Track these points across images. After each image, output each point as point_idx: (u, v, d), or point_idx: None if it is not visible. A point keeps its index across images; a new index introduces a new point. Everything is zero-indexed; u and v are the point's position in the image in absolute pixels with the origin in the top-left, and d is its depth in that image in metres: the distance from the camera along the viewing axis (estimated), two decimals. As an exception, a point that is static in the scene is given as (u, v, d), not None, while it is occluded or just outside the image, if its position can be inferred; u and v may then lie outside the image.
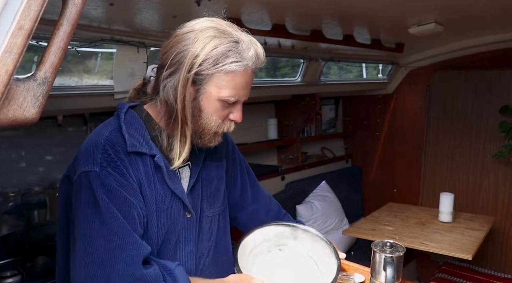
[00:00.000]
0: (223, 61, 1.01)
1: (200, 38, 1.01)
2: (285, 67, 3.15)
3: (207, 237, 1.22)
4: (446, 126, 3.53)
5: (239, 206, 1.42)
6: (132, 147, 1.04)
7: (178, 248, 1.13)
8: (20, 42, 0.50)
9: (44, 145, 2.07)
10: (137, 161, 1.05)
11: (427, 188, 3.67)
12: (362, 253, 2.23)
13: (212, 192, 1.24)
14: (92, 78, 2.17)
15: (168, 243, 1.12)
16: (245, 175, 1.42)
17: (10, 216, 1.86)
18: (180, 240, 1.14)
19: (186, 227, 1.14)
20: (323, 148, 3.97)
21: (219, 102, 1.06)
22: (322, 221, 3.19)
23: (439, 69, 3.51)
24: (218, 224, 1.27)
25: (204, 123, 1.08)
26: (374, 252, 1.26)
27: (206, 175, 1.22)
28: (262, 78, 3.03)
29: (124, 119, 1.08)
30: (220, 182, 1.28)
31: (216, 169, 1.26)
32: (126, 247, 0.98)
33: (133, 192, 1.03)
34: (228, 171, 1.34)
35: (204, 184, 1.21)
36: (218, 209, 1.26)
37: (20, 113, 0.53)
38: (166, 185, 1.09)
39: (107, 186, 0.99)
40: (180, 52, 1.02)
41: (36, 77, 0.56)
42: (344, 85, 3.73)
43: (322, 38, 2.42)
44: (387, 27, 2.52)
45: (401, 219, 2.94)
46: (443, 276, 2.89)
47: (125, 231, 0.99)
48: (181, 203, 1.13)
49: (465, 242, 2.49)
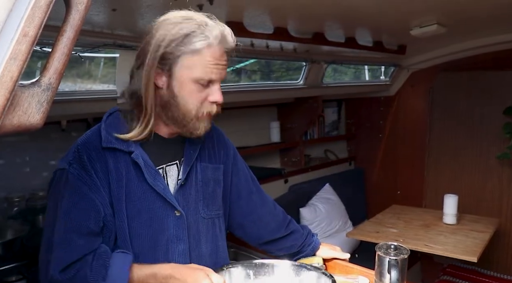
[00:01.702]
0: (188, 42, 1.02)
1: (165, 25, 1.03)
2: (279, 71, 3.16)
3: (204, 239, 1.22)
4: (449, 128, 3.52)
5: (244, 213, 1.40)
6: (107, 143, 1.08)
7: (170, 247, 1.13)
8: (24, 49, 0.50)
9: (48, 150, 2.08)
10: (108, 158, 1.08)
11: (430, 190, 3.66)
12: (366, 255, 2.21)
13: (209, 194, 1.23)
14: (95, 83, 2.19)
15: (158, 241, 1.12)
16: (249, 182, 1.41)
17: (15, 221, 1.87)
18: (171, 239, 1.13)
19: (176, 226, 1.14)
20: (326, 151, 3.97)
21: (192, 84, 1.06)
22: (326, 224, 3.19)
23: (441, 70, 3.51)
24: (216, 228, 1.27)
25: (182, 108, 1.08)
26: (378, 255, 1.26)
27: (202, 176, 1.22)
28: (263, 81, 3.04)
29: (107, 120, 1.12)
30: (217, 185, 1.27)
31: (213, 172, 1.26)
32: (60, 246, 1.02)
33: (95, 188, 1.06)
34: (228, 177, 1.33)
35: (200, 185, 1.21)
36: (215, 212, 1.26)
37: (25, 119, 0.54)
38: (146, 182, 1.10)
39: (69, 182, 1.05)
40: (147, 42, 1.05)
41: (40, 83, 0.57)
42: (346, 87, 3.73)
43: (324, 41, 2.42)
44: (389, 29, 2.52)
45: (405, 221, 2.93)
46: (448, 279, 2.88)
47: (70, 229, 1.03)
48: (165, 201, 1.12)
49: (469, 244, 2.48)
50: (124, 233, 1.09)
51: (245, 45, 2.20)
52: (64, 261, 1.01)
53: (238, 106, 2.89)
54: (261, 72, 3.05)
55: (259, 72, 3.05)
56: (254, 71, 3.03)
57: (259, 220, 1.42)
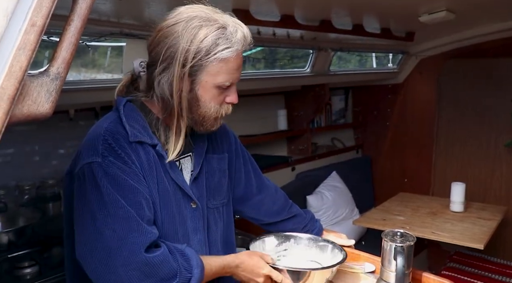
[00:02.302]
0: (214, 50, 1.02)
1: (188, 30, 1.01)
2: (284, 59, 3.14)
3: (214, 227, 1.25)
4: (457, 115, 3.50)
5: (245, 197, 1.43)
6: (134, 137, 1.06)
7: (190, 239, 1.16)
8: (33, 39, 0.50)
9: (56, 139, 2.10)
10: (139, 150, 1.07)
11: (438, 178, 3.65)
12: (372, 243, 2.23)
13: (215, 185, 1.25)
14: (99, 72, 2.19)
15: (179, 233, 1.14)
16: (248, 166, 1.43)
17: (26, 208, 1.90)
18: (190, 230, 1.16)
19: (193, 218, 1.16)
20: (333, 139, 3.96)
21: (215, 89, 1.08)
22: (332, 211, 3.20)
23: (450, 57, 3.47)
24: (222, 216, 1.29)
25: (203, 111, 1.10)
26: (384, 242, 1.26)
27: (208, 167, 1.24)
28: (268, 70, 3.03)
29: (123, 111, 1.09)
30: (222, 175, 1.29)
31: (218, 162, 1.28)
32: (130, 236, 0.98)
33: (137, 178, 1.04)
34: (231, 164, 1.35)
35: (207, 176, 1.23)
36: (220, 201, 1.28)
37: (34, 108, 0.55)
38: (168, 175, 1.11)
39: (110, 175, 1.00)
40: (170, 47, 1.02)
41: (49, 73, 0.57)
42: (353, 75, 3.70)
43: (331, 28, 2.40)
44: (397, 16, 2.49)
45: (412, 209, 2.93)
46: (455, 266, 2.89)
47: (130, 219, 0.99)
48: (184, 194, 1.14)
49: (476, 231, 2.48)
50: (157, 225, 1.09)
51: (252, 33, 2.19)
52: (142, 242, 0.98)
53: (245, 94, 2.89)
54: (265, 60, 3.04)
55: (263, 60, 3.03)
56: (258, 59, 3.01)
57: (260, 203, 1.45)
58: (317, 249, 1.42)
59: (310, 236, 1.45)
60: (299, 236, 1.45)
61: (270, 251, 1.40)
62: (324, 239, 1.44)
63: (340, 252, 1.33)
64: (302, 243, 1.44)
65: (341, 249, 1.35)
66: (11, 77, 0.49)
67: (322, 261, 1.37)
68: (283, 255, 1.42)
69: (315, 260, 1.39)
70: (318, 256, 1.40)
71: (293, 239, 1.44)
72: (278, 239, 1.44)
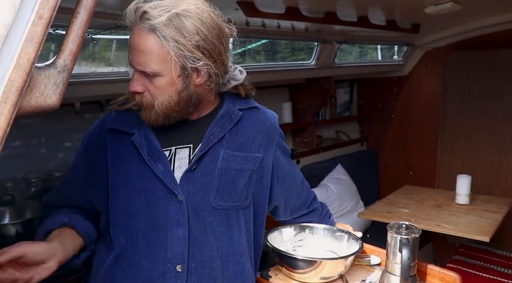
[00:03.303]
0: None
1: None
2: (284, 51, 3.13)
3: (211, 229, 1.12)
4: (463, 107, 3.48)
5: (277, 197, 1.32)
6: (112, 124, 1.15)
7: (169, 231, 1.08)
8: (40, 31, 0.51)
9: (62, 131, 2.11)
10: (116, 138, 1.13)
11: (443, 171, 3.63)
12: (377, 235, 2.23)
13: (226, 184, 1.13)
14: (100, 66, 2.20)
15: (157, 223, 1.08)
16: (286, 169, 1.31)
17: (33, 201, 1.91)
18: (172, 222, 1.08)
19: (178, 211, 1.08)
20: (338, 131, 3.95)
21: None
22: (337, 204, 3.20)
23: (456, 49, 3.44)
24: (232, 220, 1.15)
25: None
26: (389, 234, 1.27)
27: (223, 164, 1.12)
28: (269, 62, 3.02)
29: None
30: (239, 175, 1.15)
31: (239, 161, 1.15)
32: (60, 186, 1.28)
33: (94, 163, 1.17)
34: (267, 166, 1.22)
35: (218, 173, 1.12)
36: (232, 203, 1.14)
37: (42, 100, 0.55)
38: (146, 164, 1.09)
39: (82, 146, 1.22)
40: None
41: (56, 65, 0.58)
42: (358, 67, 3.68)
43: (336, 20, 2.39)
44: (402, 7, 2.47)
45: (417, 202, 2.93)
46: (460, 258, 2.89)
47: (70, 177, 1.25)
48: (162, 184, 1.08)
49: (482, 224, 2.47)
50: (120, 210, 1.11)
51: (257, 26, 2.18)
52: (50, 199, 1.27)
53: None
54: (265, 52, 3.02)
55: (264, 52, 3.02)
56: (258, 51, 3.00)
57: (286, 201, 1.37)
58: (333, 239, 1.44)
59: (326, 227, 1.47)
60: (315, 226, 1.47)
61: (288, 241, 1.43)
62: (340, 229, 1.45)
63: (356, 242, 1.35)
64: (318, 233, 1.46)
65: (357, 239, 1.37)
66: (19, 69, 0.49)
67: (338, 251, 1.40)
68: (298, 245, 1.45)
69: (331, 250, 1.42)
70: (334, 246, 1.43)
71: (309, 230, 1.47)
72: (295, 229, 1.46)
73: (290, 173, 1.34)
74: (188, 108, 1.10)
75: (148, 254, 1.08)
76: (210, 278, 1.11)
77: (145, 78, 1.03)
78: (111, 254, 1.12)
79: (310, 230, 1.47)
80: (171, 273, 1.07)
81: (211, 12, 1.03)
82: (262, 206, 1.25)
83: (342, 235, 1.43)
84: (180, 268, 1.07)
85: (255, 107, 1.26)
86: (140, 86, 1.04)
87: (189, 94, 1.06)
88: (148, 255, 1.08)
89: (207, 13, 1.02)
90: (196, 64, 1.01)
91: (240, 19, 1.99)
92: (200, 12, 1.00)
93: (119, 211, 1.12)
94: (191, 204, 1.09)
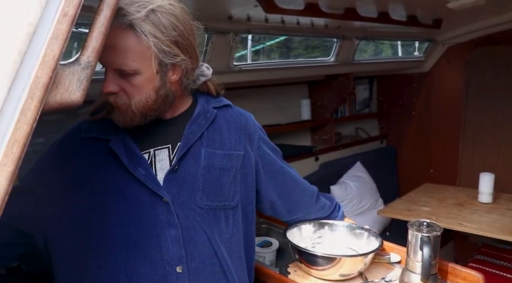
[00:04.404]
0: None
1: None
2: (298, 49, 3.11)
3: (202, 229, 1.10)
4: (486, 104, 3.40)
5: (273, 197, 1.32)
6: (85, 133, 1.10)
7: (162, 233, 1.06)
8: (65, 28, 0.52)
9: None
10: (89, 146, 1.08)
11: (465, 169, 3.57)
12: (397, 233, 2.21)
13: (211, 183, 1.11)
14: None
15: (150, 228, 1.06)
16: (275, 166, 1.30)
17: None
18: (162, 225, 1.06)
19: (166, 212, 1.06)
20: (357, 129, 3.92)
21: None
22: (357, 202, 3.18)
23: (479, 45, 3.37)
24: (221, 220, 1.14)
25: None
26: (410, 232, 1.25)
27: (206, 163, 1.11)
28: (293, 59, 3.01)
29: None
30: (224, 173, 1.14)
31: (221, 159, 1.14)
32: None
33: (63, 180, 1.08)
34: (250, 163, 1.22)
35: (202, 172, 1.10)
36: (219, 203, 1.13)
37: (66, 96, 0.56)
38: (126, 169, 1.05)
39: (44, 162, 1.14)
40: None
41: (80, 62, 0.59)
42: (378, 64, 3.64)
43: (356, 16, 2.37)
44: (424, 2, 2.43)
45: (438, 200, 2.88)
46: (483, 258, 2.83)
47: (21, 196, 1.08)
48: (146, 187, 1.05)
49: (506, 223, 2.42)
50: (107, 222, 1.05)
51: (276, 22, 2.18)
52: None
53: (269, 84, 2.89)
54: (280, 49, 3.00)
55: (278, 49, 3.00)
56: (271, 49, 2.99)
57: (282, 198, 1.36)
58: (352, 236, 1.45)
59: (345, 224, 1.47)
60: (335, 223, 1.48)
61: (307, 238, 1.44)
62: (360, 226, 1.46)
63: (376, 239, 1.36)
64: (338, 230, 1.47)
65: (377, 236, 1.37)
66: (45, 65, 0.50)
67: (357, 248, 1.40)
68: (317, 242, 1.45)
69: (351, 247, 1.42)
70: (353, 243, 1.43)
71: (328, 226, 1.47)
72: (314, 226, 1.47)
73: (280, 168, 1.31)
74: (164, 106, 1.08)
75: (145, 260, 1.05)
76: (213, 275, 1.10)
77: (120, 78, 1.00)
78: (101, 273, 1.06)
79: (329, 227, 1.47)
80: (172, 276, 1.05)
81: (182, 9, 1.03)
82: (250, 204, 1.24)
83: (362, 232, 1.43)
84: (180, 269, 1.05)
85: (228, 105, 1.24)
86: (115, 86, 1.01)
87: (166, 91, 1.05)
88: (146, 262, 1.05)
89: (179, 9, 1.02)
90: (175, 60, 1.00)
91: (259, 15, 1.99)
92: (174, 8, 1.00)
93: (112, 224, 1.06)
94: (177, 205, 1.07)
